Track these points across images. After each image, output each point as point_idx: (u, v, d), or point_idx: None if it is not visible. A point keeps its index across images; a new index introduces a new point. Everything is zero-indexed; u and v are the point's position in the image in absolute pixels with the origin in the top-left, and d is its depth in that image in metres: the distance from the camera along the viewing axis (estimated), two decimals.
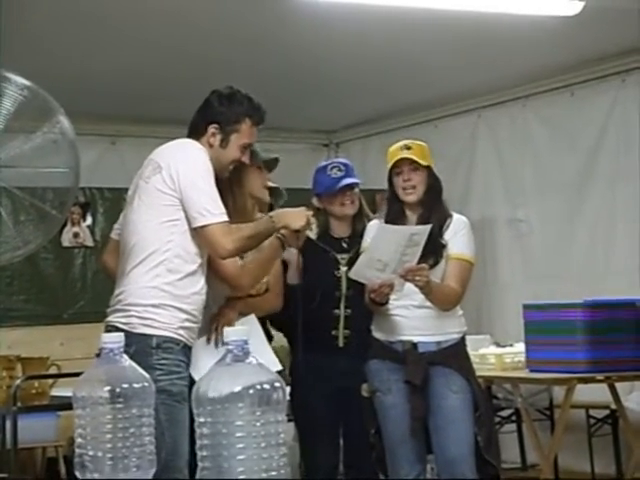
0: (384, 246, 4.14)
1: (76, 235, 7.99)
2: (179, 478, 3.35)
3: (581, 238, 7.46)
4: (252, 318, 4.23)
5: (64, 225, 7.48)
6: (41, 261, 7.78)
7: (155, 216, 3.76)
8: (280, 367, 4.16)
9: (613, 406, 6.42)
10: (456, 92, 8.02)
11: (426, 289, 4.20)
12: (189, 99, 4.06)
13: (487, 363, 6.02)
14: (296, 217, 3.88)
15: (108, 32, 6.15)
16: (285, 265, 4.57)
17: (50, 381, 4.81)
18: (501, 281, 8.04)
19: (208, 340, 4.01)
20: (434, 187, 4.44)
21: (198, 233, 3.73)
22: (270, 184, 4.42)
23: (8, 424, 4.64)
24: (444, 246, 4.37)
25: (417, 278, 4.14)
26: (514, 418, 7.46)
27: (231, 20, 6.05)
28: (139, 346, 3.59)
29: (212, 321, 4.05)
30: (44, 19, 5.86)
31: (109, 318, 3.79)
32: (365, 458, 4.61)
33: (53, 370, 4.88)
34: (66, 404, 4.48)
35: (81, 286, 8.01)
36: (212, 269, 3.97)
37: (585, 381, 5.70)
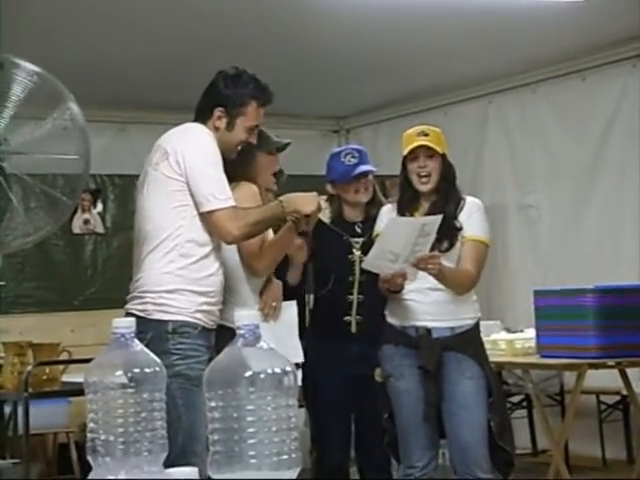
0: (395, 238, 4.13)
1: (86, 222, 8.01)
2: (196, 462, 3.34)
3: (591, 224, 7.45)
4: (293, 304, 4.27)
5: (74, 212, 7.51)
6: (52, 248, 7.80)
7: (165, 202, 3.77)
8: (302, 359, 4.18)
9: (624, 392, 6.41)
10: (466, 78, 8.01)
11: (439, 276, 4.19)
12: (198, 85, 4.05)
13: (498, 349, 6.02)
14: (307, 202, 3.87)
15: (117, 19, 6.15)
16: (287, 261, 4.44)
17: (61, 367, 4.82)
18: (511, 267, 8.04)
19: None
20: (448, 174, 4.42)
21: (205, 218, 3.74)
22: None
23: (20, 410, 4.65)
24: (459, 229, 4.36)
25: (429, 266, 4.13)
26: (525, 404, 7.47)
27: (240, 5, 6.05)
28: (156, 332, 3.62)
29: (262, 299, 4.15)
30: (54, 6, 5.86)
31: (127, 305, 3.83)
32: (376, 444, 4.61)
33: (64, 356, 4.88)
34: (77, 390, 4.51)
35: (91, 273, 8.04)
36: (237, 248, 4.01)
37: (596, 367, 5.70)
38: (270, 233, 4.13)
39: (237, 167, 4.00)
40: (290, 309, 4.28)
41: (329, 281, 4.66)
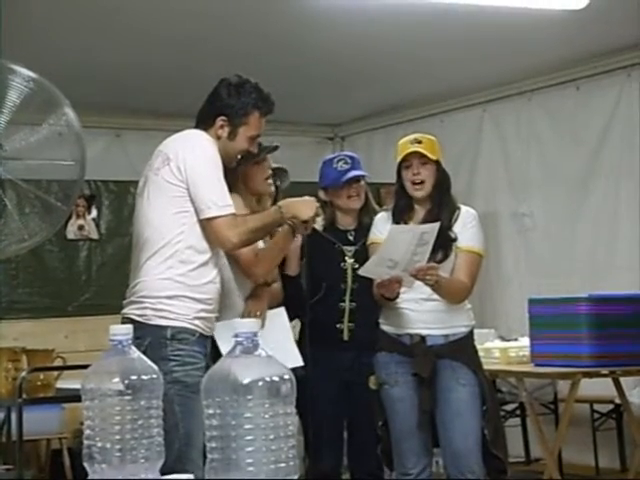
0: (396, 246, 4.13)
1: (81, 228, 8.00)
2: (192, 469, 3.34)
3: (585, 232, 7.46)
4: (281, 311, 4.28)
5: (69, 217, 7.49)
6: (46, 254, 7.78)
7: (165, 208, 3.77)
8: (301, 363, 4.18)
9: (617, 400, 6.42)
10: (461, 86, 8.02)
11: (436, 286, 4.20)
12: (194, 92, 4.05)
13: (492, 357, 6.02)
14: (305, 207, 3.89)
15: (113, 25, 6.15)
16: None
17: (55, 373, 4.81)
18: (505, 275, 8.04)
19: None
20: (442, 182, 4.43)
21: (204, 225, 3.74)
22: (274, 165, 4.43)
23: (13, 416, 4.63)
24: (453, 240, 4.36)
25: (427, 277, 4.14)
26: (518, 412, 7.47)
27: (237, 13, 6.05)
28: (154, 338, 3.62)
29: (246, 309, 4.12)
30: (49, 11, 5.86)
31: (124, 310, 3.82)
32: (369, 452, 4.61)
33: (58, 362, 4.87)
34: (71, 396, 4.51)
35: (86, 279, 8.02)
36: (231, 256, 4.00)
37: (590, 375, 5.71)
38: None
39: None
40: (280, 316, 4.28)
41: (321, 289, 4.67)
